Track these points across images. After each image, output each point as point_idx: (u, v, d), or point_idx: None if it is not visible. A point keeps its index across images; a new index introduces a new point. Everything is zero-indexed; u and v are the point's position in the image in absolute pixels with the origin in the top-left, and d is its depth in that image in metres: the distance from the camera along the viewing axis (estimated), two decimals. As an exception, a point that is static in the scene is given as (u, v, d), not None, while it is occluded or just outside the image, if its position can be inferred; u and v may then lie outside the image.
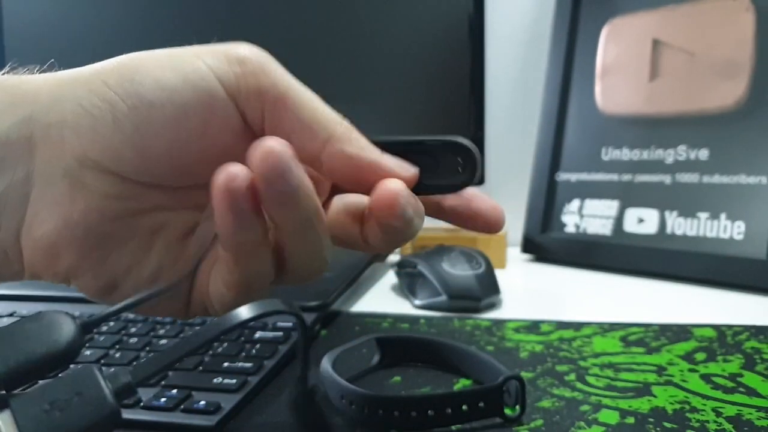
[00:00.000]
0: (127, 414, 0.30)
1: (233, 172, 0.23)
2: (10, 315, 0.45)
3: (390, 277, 0.61)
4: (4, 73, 0.26)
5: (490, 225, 0.27)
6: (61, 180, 0.24)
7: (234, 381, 0.33)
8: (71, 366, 0.26)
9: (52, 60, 0.29)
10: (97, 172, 0.24)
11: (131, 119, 0.24)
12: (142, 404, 0.31)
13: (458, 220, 0.28)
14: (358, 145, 0.25)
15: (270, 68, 0.25)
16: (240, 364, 0.35)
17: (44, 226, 0.25)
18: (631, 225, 0.64)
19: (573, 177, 0.70)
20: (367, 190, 0.25)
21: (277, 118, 0.25)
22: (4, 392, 0.20)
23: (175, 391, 0.32)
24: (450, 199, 0.28)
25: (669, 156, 0.62)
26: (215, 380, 0.33)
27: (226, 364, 0.35)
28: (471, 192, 0.27)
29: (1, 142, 0.24)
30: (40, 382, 0.21)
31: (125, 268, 0.26)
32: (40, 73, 0.26)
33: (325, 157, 0.25)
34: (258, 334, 0.39)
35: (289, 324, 0.40)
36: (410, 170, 0.25)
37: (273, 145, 0.22)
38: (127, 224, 0.26)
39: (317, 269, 0.26)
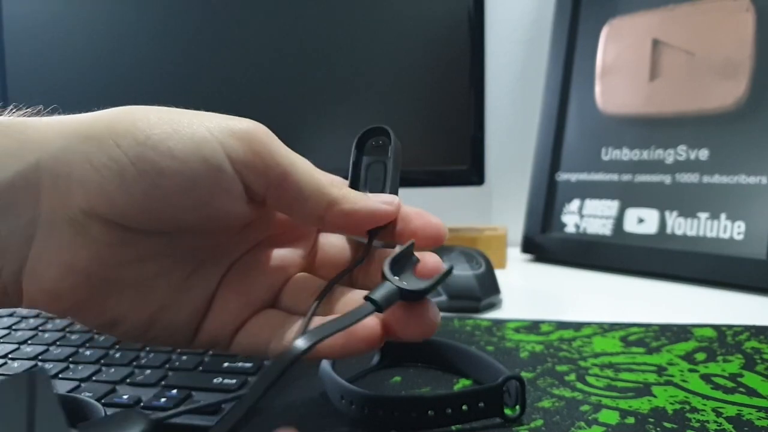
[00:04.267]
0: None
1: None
2: (10, 315, 0.45)
3: (390, 277, 0.61)
4: (8, 115, 0.26)
5: (428, 242, 0.28)
6: (66, 228, 0.24)
7: (234, 381, 0.33)
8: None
9: (56, 105, 0.28)
10: (102, 223, 0.25)
11: (140, 184, 0.24)
12: (142, 404, 0.31)
13: (404, 240, 0.28)
14: (352, 201, 0.27)
15: (273, 147, 0.26)
16: (240, 364, 0.35)
17: (47, 271, 0.25)
18: (631, 225, 0.64)
19: (573, 177, 0.70)
20: (361, 232, 0.28)
21: (280, 192, 0.26)
22: None
23: (175, 391, 0.32)
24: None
25: (669, 156, 0.62)
26: (215, 380, 0.33)
27: (226, 364, 0.35)
28: (408, 211, 0.28)
29: (8, 188, 0.24)
30: None
31: (126, 309, 0.27)
32: (43, 114, 0.27)
33: (327, 218, 0.27)
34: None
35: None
36: (395, 202, 0.28)
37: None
38: (129, 270, 0.26)
39: None
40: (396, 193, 0.29)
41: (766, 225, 0.54)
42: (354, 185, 0.30)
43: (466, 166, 0.62)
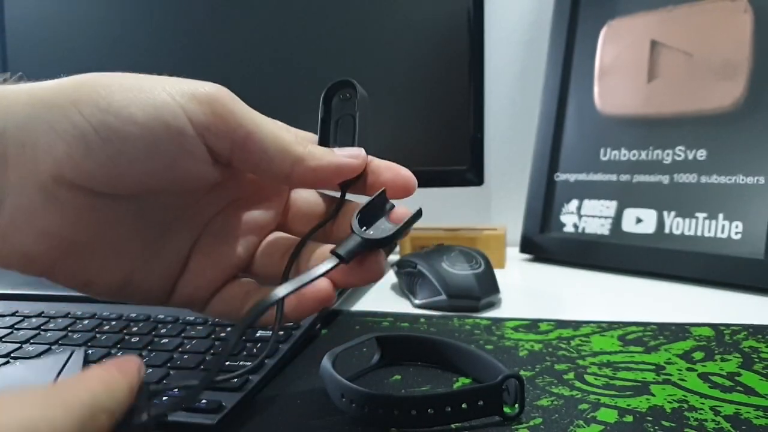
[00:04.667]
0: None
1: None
2: (13, 314, 0.45)
3: (390, 277, 0.61)
4: None
5: (399, 193, 0.29)
6: (36, 194, 0.25)
7: (235, 380, 0.33)
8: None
9: (21, 73, 0.29)
10: (71, 189, 0.25)
11: (104, 150, 0.25)
12: (144, 403, 0.31)
13: (371, 191, 0.30)
14: (318, 156, 0.28)
15: (235, 108, 0.26)
16: (241, 362, 0.35)
17: (19, 237, 0.25)
18: (629, 225, 0.64)
19: (572, 177, 0.70)
20: (331, 186, 0.29)
21: (245, 153, 0.27)
22: None
23: (176, 390, 0.32)
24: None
25: (667, 156, 0.62)
26: (216, 379, 0.33)
27: (227, 363, 0.35)
28: (379, 164, 0.29)
29: None
30: None
31: (98, 270, 0.28)
32: (9, 83, 0.27)
33: (294, 176, 0.28)
34: (259, 333, 0.40)
35: (290, 323, 0.40)
36: (361, 155, 0.29)
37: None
38: (100, 233, 0.27)
39: None
40: (365, 146, 0.30)
41: (763, 225, 0.54)
42: (323, 141, 0.30)
43: (465, 167, 0.62)
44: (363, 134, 0.30)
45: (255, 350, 0.37)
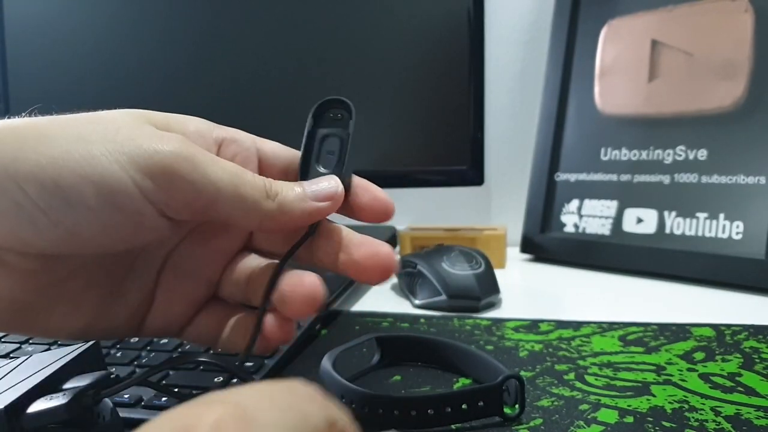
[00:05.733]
0: (128, 413, 0.30)
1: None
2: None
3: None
4: None
5: (375, 217, 0.28)
6: None
7: (235, 380, 0.33)
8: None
9: (56, 107, 0.27)
10: (19, 255, 0.24)
11: (54, 231, 0.23)
12: (143, 404, 0.31)
13: (351, 214, 0.29)
14: (288, 209, 0.26)
15: (195, 177, 0.24)
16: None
17: None
18: (629, 225, 0.64)
19: (572, 177, 0.70)
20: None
21: (207, 217, 0.25)
22: None
23: (176, 390, 0.32)
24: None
25: (668, 156, 0.62)
26: (216, 379, 0.33)
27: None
28: (356, 184, 0.29)
29: None
30: None
31: (58, 322, 0.27)
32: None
33: (263, 228, 0.26)
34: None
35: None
36: (336, 194, 0.27)
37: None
38: (55, 290, 0.26)
39: None
40: (349, 172, 0.28)
41: (764, 225, 0.54)
42: (306, 157, 0.29)
43: (466, 166, 0.62)
44: (349, 159, 0.29)
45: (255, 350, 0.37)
